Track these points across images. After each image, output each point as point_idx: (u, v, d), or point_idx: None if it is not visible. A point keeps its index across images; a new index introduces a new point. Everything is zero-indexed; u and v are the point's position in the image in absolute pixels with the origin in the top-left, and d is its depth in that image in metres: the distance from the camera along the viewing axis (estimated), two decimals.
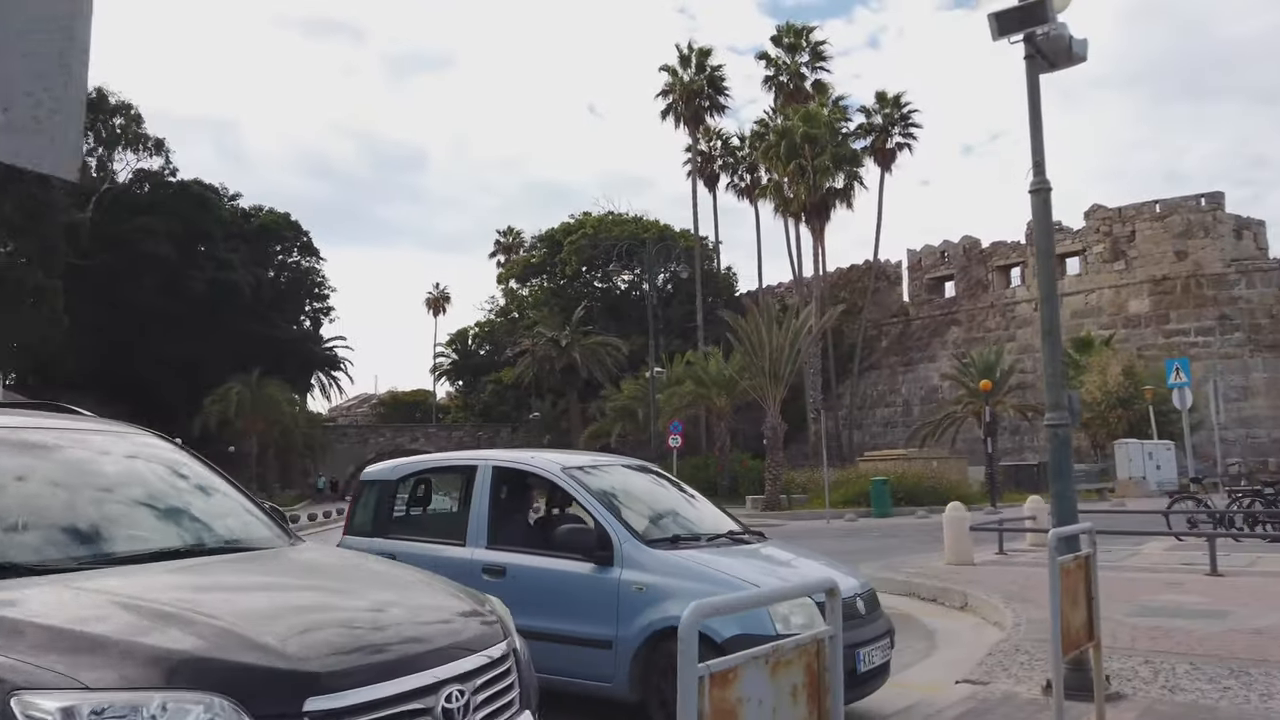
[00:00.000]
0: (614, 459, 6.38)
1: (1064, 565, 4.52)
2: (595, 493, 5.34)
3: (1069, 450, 5.88)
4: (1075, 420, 20.62)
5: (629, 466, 6.27)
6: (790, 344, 27.30)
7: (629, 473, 6.07)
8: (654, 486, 6.07)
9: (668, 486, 6.19)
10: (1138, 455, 29.49)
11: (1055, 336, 6.14)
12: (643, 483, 6.02)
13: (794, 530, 22.04)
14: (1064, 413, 5.92)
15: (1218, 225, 41.31)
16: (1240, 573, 9.86)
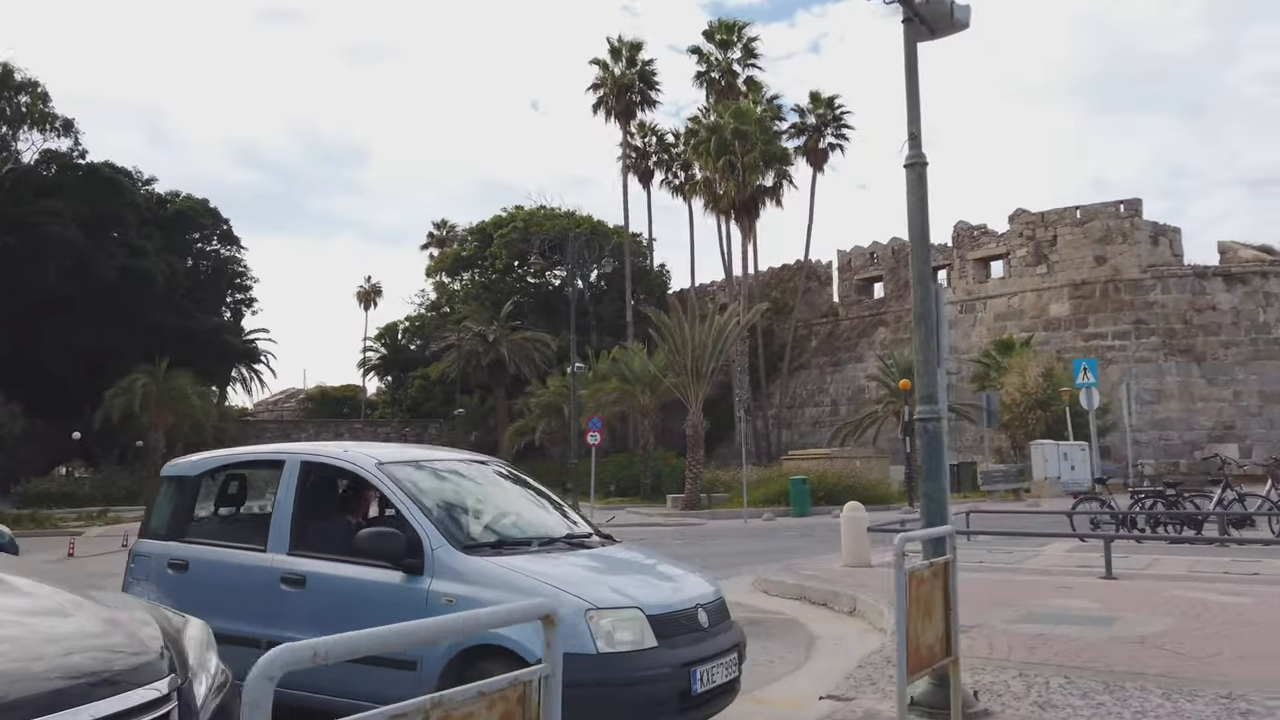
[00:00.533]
0: (454, 454, 5.76)
1: (916, 574, 4.05)
2: (411, 491, 4.72)
3: (941, 447, 5.44)
4: (993, 421, 20.68)
5: (469, 462, 5.66)
6: (713, 341, 26.93)
7: (465, 469, 5.46)
8: (492, 485, 5.47)
9: (509, 485, 5.60)
10: (1053, 456, 29.84)
11: (928, 323, 5.70)
12: (479, 481, 5.42)
13: (711, 530, 21.66)
14: (935, 407, 5.48)
15: (1135, 232, 42.24)
16: (1135, 575, 9.66)
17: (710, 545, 16.99)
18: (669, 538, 19.09)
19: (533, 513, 5.35)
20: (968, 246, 47.22)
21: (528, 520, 5.22)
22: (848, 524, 10.92)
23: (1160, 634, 6.56)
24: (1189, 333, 40.60)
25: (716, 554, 15.27)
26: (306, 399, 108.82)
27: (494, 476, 5.61)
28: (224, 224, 62.08)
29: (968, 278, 47.00)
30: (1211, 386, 39.92)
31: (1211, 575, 9.55)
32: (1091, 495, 14.30)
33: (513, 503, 5.38)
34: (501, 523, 5.07)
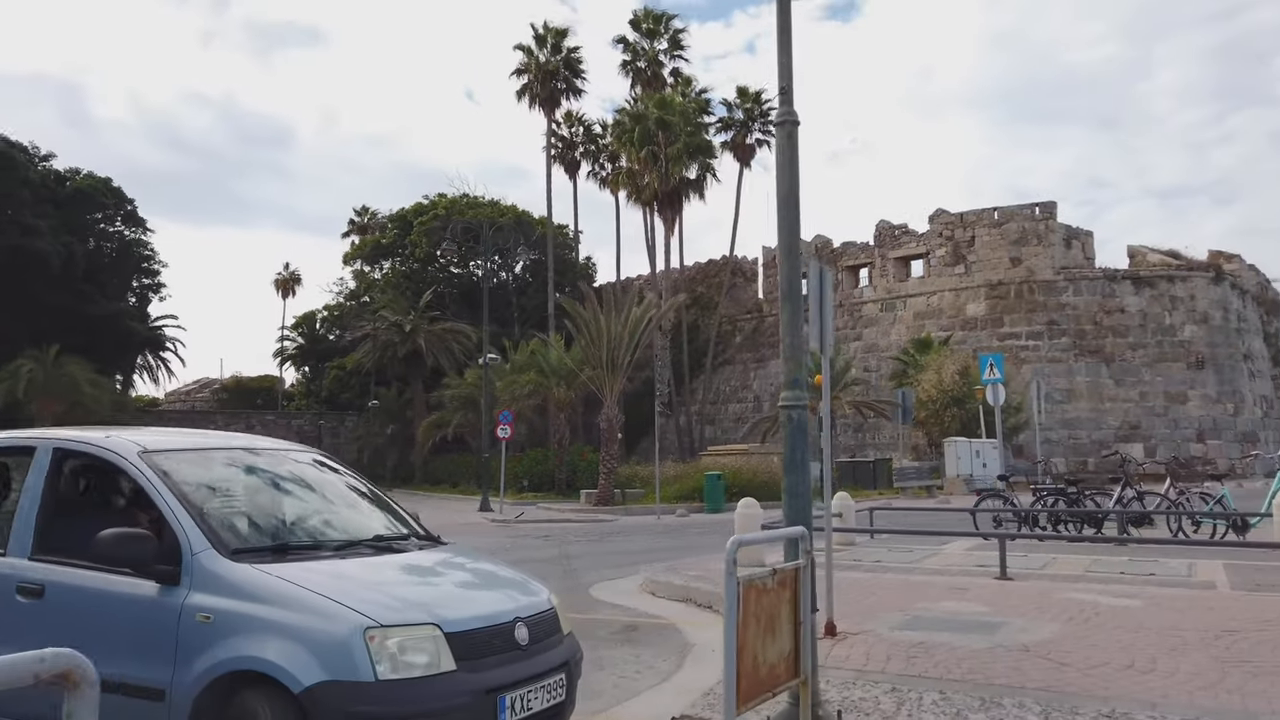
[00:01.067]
0: (259, 442, 4.99)
1: (755, 584, 3.47)
2: (177, 485, 3.97)
3: (805, 438, 4.90)
4: (908, 418, 20.45)
5: (276, 452, 4.91)
6: (630, 334, 26.35)
7: (266, 461, 4.71)
8: (298, 480, 4.72)
9: (324, 479, 4.85)
10: (965, 453, 30.06)
11: (796, 300, 5.15)
12: (281, 474, 4.67)
13: (620, 526, 21.05)
14: (799, 393, 4.93)
15: (1049, 234, 43.05)
16: (1030, 575, 9.35)
17: (613, 542, 16.39)
18: (574, 535, 18.44)
19: (342, 512, 4.63)
20: (889, 245, 47.60)
21: (333, 520, 4.50)
22: (741, 522, 10.41)
23: (1047, 641, 6.15)
24: (1098, 334, 41.55)
25: (617, 551, 14.68)
26: (221, 389, 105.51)
27: (305, 469, 4.87)
28: (128, 204, 59.19)
29: (888, 276, 47.39)
30: (1119, 387, 40.92)
31: (1107, 576, 9.29)
32: (995, 493, 14.10)
33: (319, 500, 4.65)
34: (295, 523, 4.34)
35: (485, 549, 15.26)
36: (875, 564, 10.60)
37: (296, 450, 5.06)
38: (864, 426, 45.10)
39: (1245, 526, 11.99)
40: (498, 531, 19.88)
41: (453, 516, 26.02)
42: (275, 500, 4.43)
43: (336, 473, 5.05)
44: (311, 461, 5.03)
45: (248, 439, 5.02)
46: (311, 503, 4.59)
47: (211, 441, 4.76)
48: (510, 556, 13.78)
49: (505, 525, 22.32)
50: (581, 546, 15.59)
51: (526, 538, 17.65)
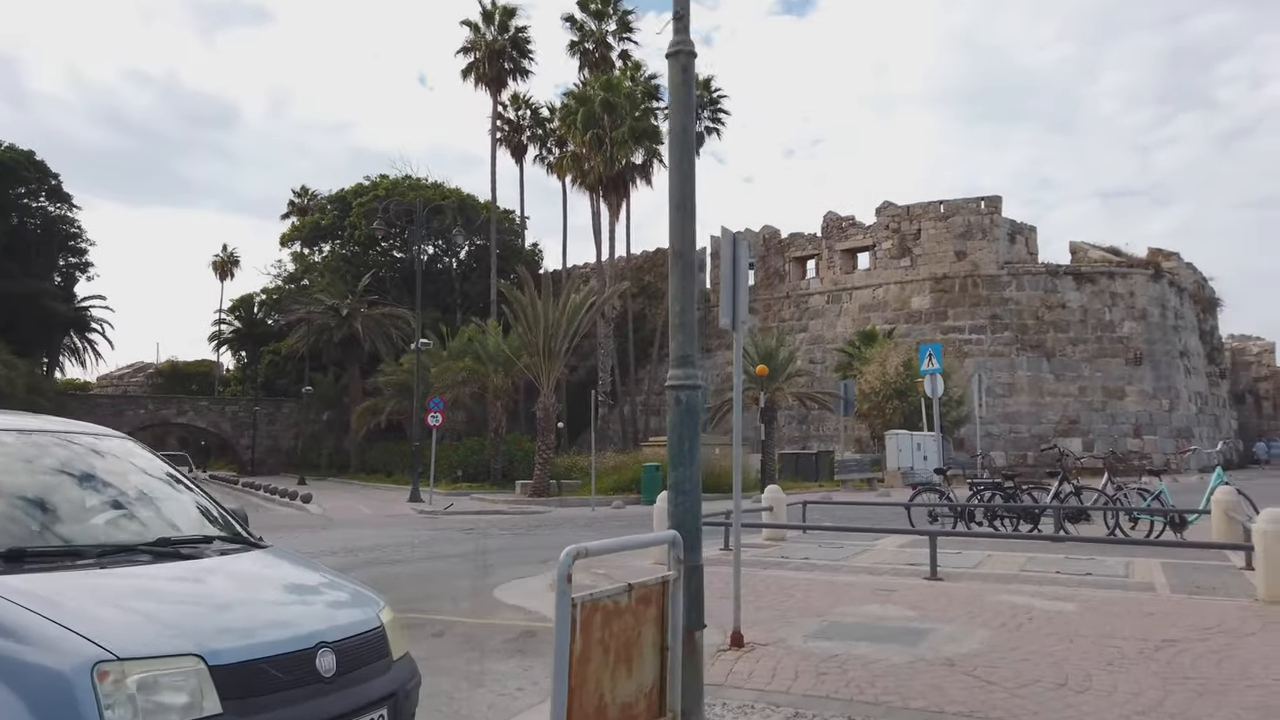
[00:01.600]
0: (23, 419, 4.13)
1: (603, 604, 2.75)
2: None
3: (696, 425, 4.20)
4: (850, 410, 19.96)
5: (60, 434, 4.05)
6: (568, 320, 25.54)
7: (35, 447, 3.85)
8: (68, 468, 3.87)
9: (103, 468, 4.00)
10: (906, 446, 29.81)
11: (688, 261, 4.42)
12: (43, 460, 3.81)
13: (552, 518, 20.25)
14: (690, 371, 4.22)
15: (994, 228, 43.15)
16: (962, 575, 8.80)
17: (538, 536, 15.62)
18: (500, 527, 17.64)
19: (130, 509, 3.80)
20: (836, 237, 47.39)
21: (112, 520, 3.68)
22: (660, 517, 9.71)
23: (974, 653, 5.55)
24: (1040, 329, 41.77)
25: (540, 546, 13.92)
26: (156, 374, 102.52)
27: (91, 456, 4.02)
28: (52, 179, 56.63)
29: (835, 268, 47.19)
30: (1059, 382, 41.19)
31: (1041, 576, 8.78)
32: (931, 486, 13.62)
33: (100, 494, 3.81)
34: (49, 524, 3.50)
35: (395, 543, 14.42)
36: (803, 561, 10.00)
37: (89, 433, 4.21)
38: (808, 418, 44.88)
39: (1183, 524, 11.64)
40: (421, 523, 18.99)
41: (380, 507, 25.03)
42: (30, 494, 3.58)
43: (140, 461, 4.21)
44: (108, 447, 4.18)
45: (20, 417, 4.16)
46: (86, 498, 3.75)
47: None
48: (422, 552, 12.96)
49: (432, 517, 21.43)
50: (503, 540, 14.81)
51: (447, 530, 16.81)
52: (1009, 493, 12.80)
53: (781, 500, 12.19)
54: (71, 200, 58.73)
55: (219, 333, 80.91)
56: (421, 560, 11.97)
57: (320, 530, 17.23)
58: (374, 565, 11.42)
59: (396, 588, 9.40)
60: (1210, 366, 49.04)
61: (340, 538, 15.46)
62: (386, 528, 17.84)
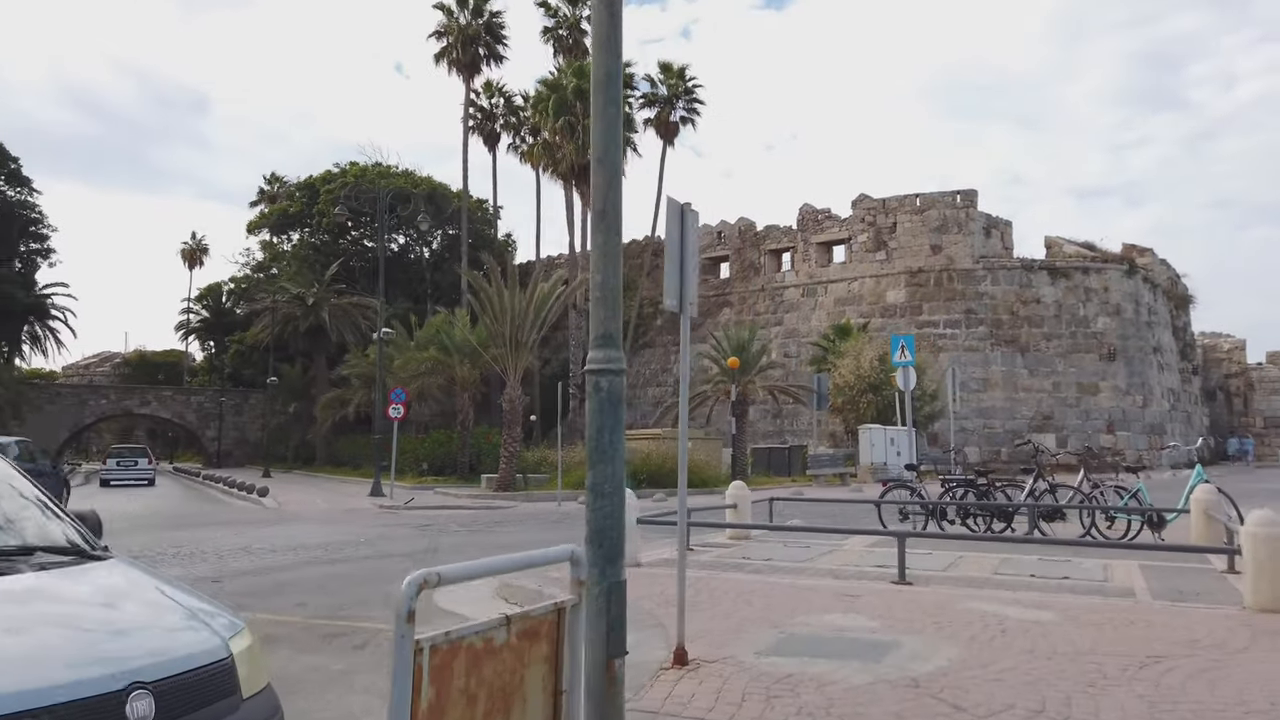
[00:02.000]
0: None
1: (468, 644, 2.15)
2: None
3: (619, 416, 3.61)
4: (823, 403, 19.40)
5: None
6: (536, 310, 24.87)
7: None
8: None
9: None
10: (880, 441, 29.44)
11: (612, 220, 3.83)
12: None
13: (515, 514, 19.61)
14: (613, 354, 3.62)
15: (970, 222, 42.86)
16: (931, 579, 8.29)
17: (498, 533, 15.00)
18: (459, 523, 16.98)
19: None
20: (812, 230, 46.97)
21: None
22: None
23: (942, 671, 5.00)
24: (1015, 324, 41.56)
25: (497, 544, 13.30)
26: (123, 364, 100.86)
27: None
28: (12, 162, 55.06)
29: (811, 261, 46.78)
30: (1033, 377, 41.02)
31: (1016, 580, 8.28)
32: (902, 483, 13.13)
33: None
34: None
35: (343, 540, 13.72)
36: (765, 563, 9.45)
37: None
38: (783, 413, 44.47)
39: (1161, 523, 11.21)
40: (377, 519, 18.30)
41: (339, 501, 24.30)
42: None
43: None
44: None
45: None
46: None
47: None
48: (368, 550, 12.31)
49: (390, 512, 20.73)
50: (458, 537, 14.16)
51: (402, 527, 16.14)
52: (982, 490, 12.32)
53: (746, 497, 11.63)
54: (31, 184, 57.17)
55: (186, 322, 79.51)
56: (365, 559, 11.32)
57: (269, 526, 16.51)
58: (313, 565, 10.76)
59: (329, 591, 8.77)
60: (1183, 363, 49.15)
61: (288, 534, 14.76)
62: (340, 523, 17.15)
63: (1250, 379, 59.39)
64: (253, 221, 58.04)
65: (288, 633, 6.89)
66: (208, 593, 9.08)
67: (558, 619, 2.50)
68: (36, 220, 60.33)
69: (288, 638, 6.69)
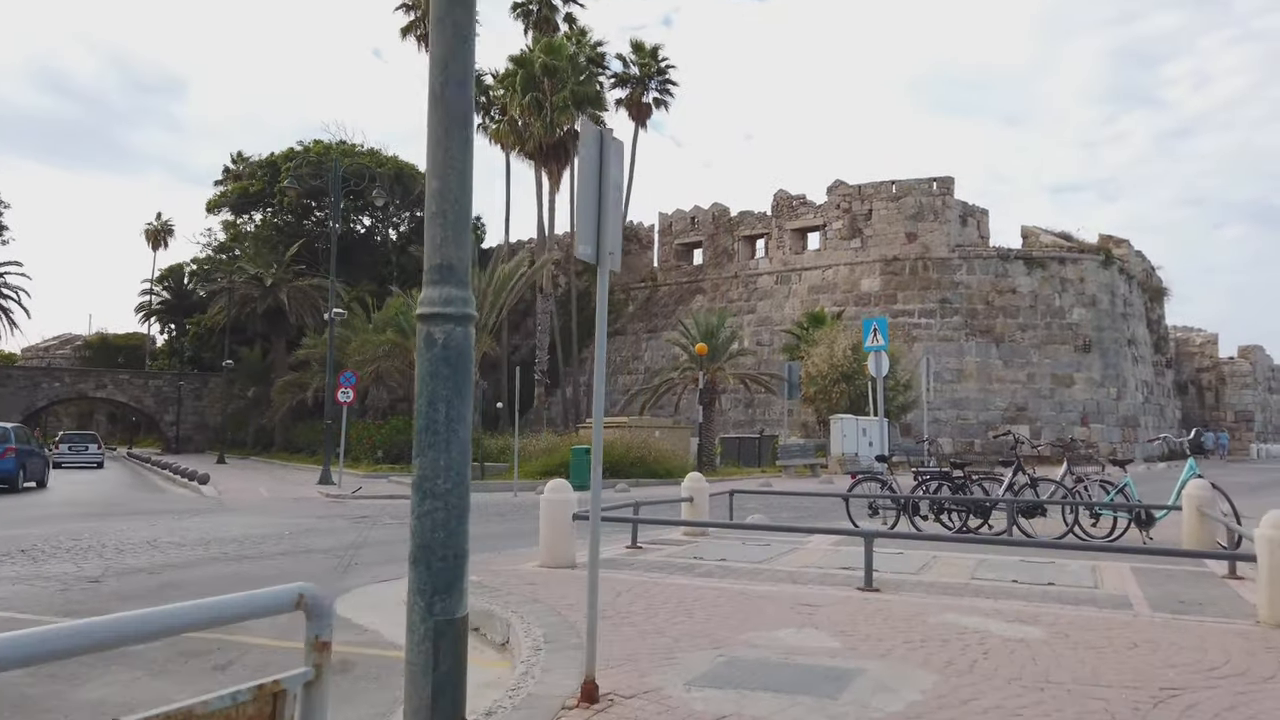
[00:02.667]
0: None
1: None
2: None
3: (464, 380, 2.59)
4: (794, 392, 18.35)
5: None
6: (496, 292, 23.77)
7: None
8: None
9: None
10: (851, 431, 28.61)
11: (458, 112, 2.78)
12: None
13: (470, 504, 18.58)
14: (457, 292, 2.60)
15: (946, 210, 42.14)
16: (902, 584, 7.34)
17: None
18: (402, 514, 15.88)
19: None
20: (787, 216, 46.08)
21: None
22: (548, 511, 8.10)
23: (913, 711, 4.02)
24: (990, 314, 40.93)
25: None
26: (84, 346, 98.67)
27: None
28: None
29: (785, 248, 45.89)
30: (1007, 368, 40.42)
31: (996, 586, 7.36)
32: (872, 475, 12.21)
33: None
34: None
35: (267, 533, 12.52)
36: (718, 564, 8.47)
37: None
38: (755, 402, 43.63)
39: (1150, 521, 10.36)
40: (316, 509, 17.17)
41: (285, 489, 23.13)
42: None
43: None
44: None
45: None
46: None
47: None
48: (290, 544, 11.23)
49: (337, 501, 19.61)
50: (392, 530, 13.09)
51: (338, 518, 15.04)
52: (958, 484, 11.42)
53: (703, 490, 10.65)
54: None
55: (147, 304, 77.59)
56: (280, 555, 10.23)
57: (194, 516, 15.35)
58: (217, 562, 9.66)
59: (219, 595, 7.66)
60: (1156, 356, 48.82)
61: (212, 525, 13.62)
62: (275, 514, 16.01)
63: (1222, 373, 59.34)
64: (212, 200, 56.25)
65: (145, 647, 5.81)
66: (79, 593, 8.00)
67: (271, 711, 1.49)
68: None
69: (141, 653, 5.61)
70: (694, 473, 10.89)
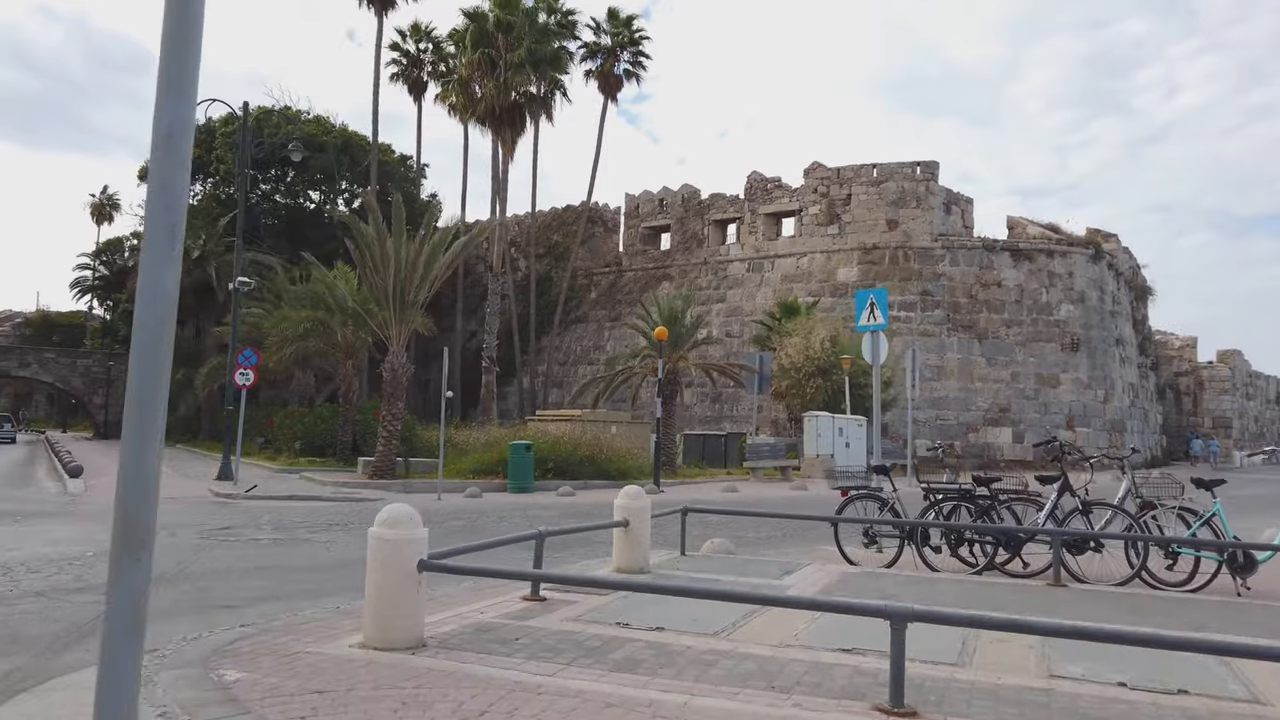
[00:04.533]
0: None
1: None
2: None
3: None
4: (765, 386, 14.91)
5: None
6: (426, 263, 20.70)
7: None
8: None
9: None
10: (827, 430, 25.88)
11: None
12: None
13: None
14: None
15: (929, 196, 39.59)
16: (946, 691, 4.46)
17: (313, 545, 10.90)
18: (287, 524, 12.82)
19: None
20: (760, 199, 43.29)
21: None
22: (380, 556, 5.08)
23: None
24: (973, 308, 38.47)
25: (295, 566, 9.26)
26: (25, 323, 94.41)
27: None
28: None
29: (758, 234, 43.11)
30: (990, 366, 37.99)
31: (1100, 695, 4.50)
32: (867, 491, 9.37)
33: None
34: None
35: (63, 555, 9.40)
36: (652, 639, 5.53)
37: None
38: (722, 397, 40.88)
39: (1250, 565, 7.61)
40: (191, 513, 14.00)
41: (177, 486, 19.90)
42: None
43: None
44: None
45: None
46: None
47: None
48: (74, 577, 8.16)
49: (223, 503, 16.47)
50: (248, 550, 10.05)
51: (195, 529, 11.93)
52: (983, 505, 8.60)
53: (642, 510, 7.73)
54: None
55: (84, 279, 73.24)
56: (33, 598, 7.17)
57: (19, 522, 12.20)
58: None
59: None
60: (1141, 357, 46.70)
61: (16, 538, 10.51)
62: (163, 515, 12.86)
63: (1201, 377, 57.54)
64: (144, 168, 52.20)
65: None
66: None
67: None
68: None
69: None
70: (631, 486, 7.94)
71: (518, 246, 49.17)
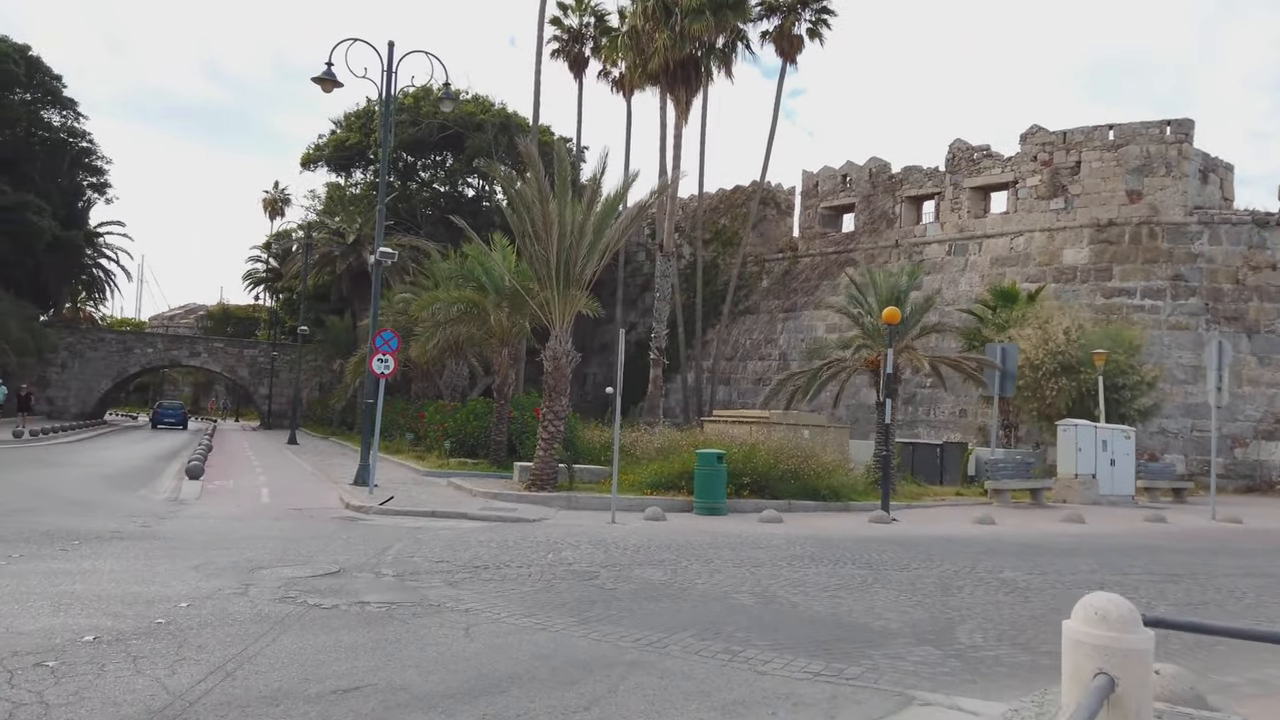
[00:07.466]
0: None
1: None
2: None
3: None
4: (1009, 386, 9.93)
5: None
6: (595, 228, 16.91)
7: None
8: None
9: None
10: (1088, 444, 20.44)
11: None
12: None
13: (529, 538, 11.63)
14: None
15: (1183, 162, 32.85)
16: None
17: (414, 639, 7.09)
18: (408, 566, 9.16)
19: None
20: (965, 171, 37.54)
21: None
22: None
23: None
24: (1240, 296, 31.55)
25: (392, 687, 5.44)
26: (206, 316, 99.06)
27: None
28: (53, 80, 49.89)
29: (961, 210, 37.40)
30: (1263, 366, 31.02)
31: None
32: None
33: None
34: None
35: (107, 627, 5.86)
36: None
37: None
38: (916, 398, 35.56)
39: None
40: (303, 538, 10.55)
41: (307, 492, 16.93)
42: None
43: None
44: None
45: None
46: None
47: None
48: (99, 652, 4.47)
49: (349, 521, 13.11)
50: (344, 638, 6.28)
51: (282, 575, 8.37)
52: None
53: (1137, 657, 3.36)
54: (77, 108, 52.13)
55: (254, 271, 74.80)
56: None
57: (71, 551, 9.05)
58: None
59: None
60: None
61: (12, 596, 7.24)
62: (220, 547, 9.55)
63: None
64: (307, 155, 51.64)
65: None
66: None
67: None
68: (88, 150, 55.60)
69: None
70: (1094, 600, 3.53)
71: (682, 232, 45.30)
